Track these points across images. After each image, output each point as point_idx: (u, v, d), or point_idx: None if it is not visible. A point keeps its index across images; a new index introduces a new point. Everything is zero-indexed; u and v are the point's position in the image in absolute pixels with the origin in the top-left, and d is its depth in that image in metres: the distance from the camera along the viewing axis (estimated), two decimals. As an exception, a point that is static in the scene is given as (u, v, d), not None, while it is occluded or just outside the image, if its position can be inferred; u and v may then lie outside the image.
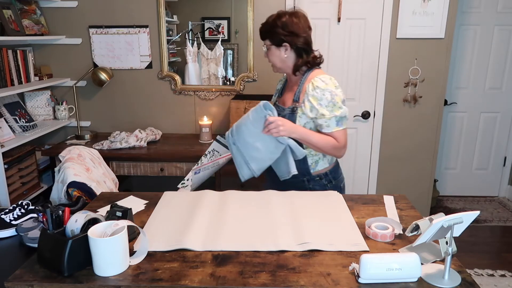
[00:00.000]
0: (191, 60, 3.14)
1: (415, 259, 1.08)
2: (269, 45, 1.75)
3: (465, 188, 4.05)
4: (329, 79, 1.71)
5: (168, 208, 1.58)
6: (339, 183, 1.90)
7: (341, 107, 1.69)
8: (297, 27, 1.72)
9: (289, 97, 1.82)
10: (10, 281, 1.11)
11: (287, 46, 1.73)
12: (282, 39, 1.72)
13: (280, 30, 1.71)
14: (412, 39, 3.06)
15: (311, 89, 1.70)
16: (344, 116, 1.71)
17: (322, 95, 1.68)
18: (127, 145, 2.78)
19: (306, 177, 1.82)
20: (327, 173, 1.85)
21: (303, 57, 1.75)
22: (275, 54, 1.76)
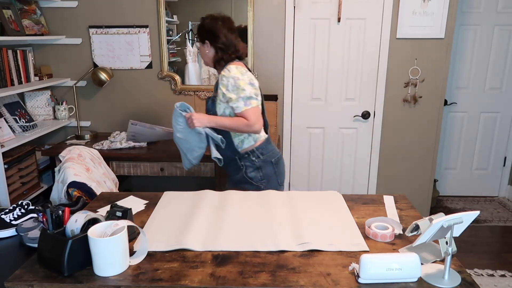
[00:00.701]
0: (191, 60, 3.14)
1: (415, 259, 1.08)
2: (197, 41, 2.08)
3: (465, 188, 4.04)
4: (234, 68, 1.96)
5: (168, 208, 1.58)
6: (268, 158, 2.09)
7: (244, 89, 1.92)
8: (218, 29, 2.00)
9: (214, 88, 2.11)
10: (10, 281, 1.11)
11: (208, 44, 2.02)
12: (204, 37, 2.03)
13: (203, 30, 2.03)
14: (412, 39, 3.06)
15: (219, 78, 1.98)
16: (250, 96, 1.93)
17: (227, 81, 1.93)
18: (127, 145, 2.78)
19: (236, 156, 2.06)
20: (253, 150, 2.06)
21: (219, 54, 2.02)
22: (201, 50, 2.08)
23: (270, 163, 2.08)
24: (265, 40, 3.09)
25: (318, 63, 3.15)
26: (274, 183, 2.11)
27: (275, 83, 3.17)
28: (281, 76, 3.16)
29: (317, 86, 3.20)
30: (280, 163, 2.16)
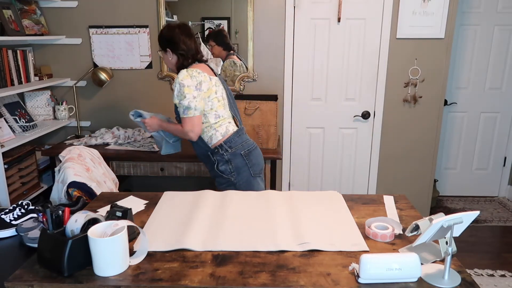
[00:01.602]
0: (191, 60, 3.14)
1: (415, 259, 1.08)
2: (160, 50, 2.17)
3: (465, 188, 4.04)
4: (184, 72, 2.01)
5: (168, 208, 1.58)
6: (238, 151, 2.14)
7: (186, 96, 1.99)
8: (176, 37, 2.09)
9: None
10: (10, 281, 1.11)
11: (169, 51, 2.12)
12: (165, 45, 2.12)
13: (162, 39, 2.13)
14: (412, 39, 3.06)
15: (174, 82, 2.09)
16: (188, 107, 2.00)
17: (175, 86, 2.03)
18: (102, 141, 2.87)
19: (209, 151, 2.14)
20: (222, 144, 2.12)
21: (180, 60, 2.11)
22: (164, 58, 2.19)
23: (239, 155, 2.14)
24: (265, 40, 3.09)
25: (318, 63, 3.15)
26: (246, 174, 2.16)
27: (275, 83, 3.17)
28: (281, 76, 3.16)
29: (317, 86, 3.20)
30: (253, 154, 2.19)
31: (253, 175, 2.19)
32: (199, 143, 2.16)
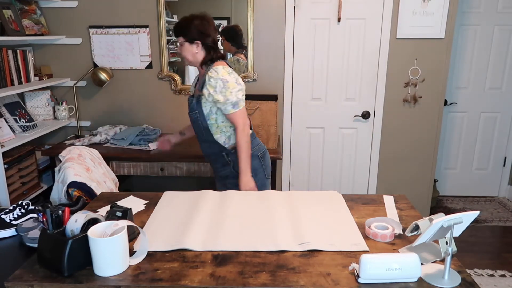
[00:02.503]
0: (191, 60, 3.14)
1: (415, 259, 1.08)
2: (183, 41, 2.01)
3: (465, 188, 4.04)
4: (221, 69, 1.98)
5: (168, 208, 1.58)
6: (255, 152, 2.12)
7: (232, 92, 1.96)
8: (208, 29, 2.01)
9: (197, 88, 2.09)
10: (10, 281, 1.11)
11: (199, 44, 2.00)
12: (195, 37, 1.99)
13: (193, 30, 1.99)
14: (412, 39, 3.06)
15: (207, 79, 1.98)
16: (238, 101, 1.98)
17: (215, 83, 1.95)
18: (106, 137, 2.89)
19: (224, 152, 2.09)
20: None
21: (210, 53, 2.03)
22: (187, 49, 2.02)
23: (256, 156, 2.12)
24: (265, 40, 3.09)
25: (318, 63, 3.15)
26: (261, 176, 2.16)
27: (275, 83, 3.17)
28: (281, 76, 3.16)
29: (317, 86, 3.20)
30: (266, 157, 2.21)
31: (267, 176, 2.19)
32: (213, 142, 2.10)
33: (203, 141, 2.15)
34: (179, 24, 2.03)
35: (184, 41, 2.01)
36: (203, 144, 2.16)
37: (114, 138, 2.86)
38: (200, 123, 2.07)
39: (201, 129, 2.09)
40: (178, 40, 2.03)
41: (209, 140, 2.10)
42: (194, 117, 2.08)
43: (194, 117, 2.08)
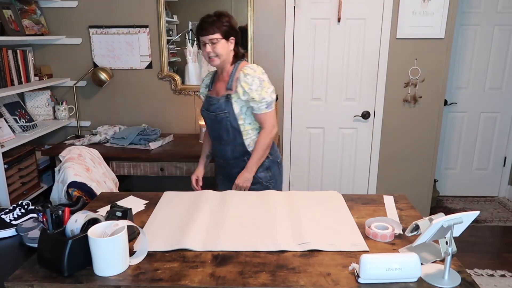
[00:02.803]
0: (191, 60, 3.14)
1: (415, 259, 1.08)
2: (220, 38, 1.90)
3: (465, 188, 4.04)
4: (256, 67, 1.95)
5: (168, 208, 1.58)
6: (275, 158, 2.10)
7: (267, 91, 1.92)
8: (236, 26, 1.98)
9: (221, 87, 2.01)
10: (10, 281, 1.11)
11: (233, 40, 1.95)
12: (230, 33, 1.93)
13: (229, 25, 1.92)
14: (412, 39, 3.06)
15: (242, 76, 1.92)
16: (271, 100, 1.95)
17: (252, 80, 1.90)
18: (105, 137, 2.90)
19: (246, 156, 2.02)
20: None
21: (240, 51, 2.00)
22: (224, 47, 1.92)
23: (276, 163, 2.09)
24: (265, 40, 3.09)
25: (318, 63, 3.15)
26: (279, 183, 2.13)
27: (275, 83, 3.16)
28: (281, 76, 3.16)
29: (317, 86, 3.20)
30: (282, 164, 2.20)
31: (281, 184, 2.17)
32: (239, 145, 2.00)
33: (226, 144, 2.02)
34: (212, 21, 1.91)
35: (221, 38, 1.91)
36: (226, 147, 2.03)
37: (114, 138, 2.86)
38: (228, 124, 1.96)
39: (228, 131, 1.98)
40: (213, 37, 1.89)
41: (236, 143, 2.00)
42: (222, 117, 1.96)
43: (222, 117, 1.96)
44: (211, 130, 2.08)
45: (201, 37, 1.91)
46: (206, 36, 1.89)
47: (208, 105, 2.02)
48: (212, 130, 2.06)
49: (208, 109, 2.02)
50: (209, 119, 2.03)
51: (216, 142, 2.08)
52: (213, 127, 2.03)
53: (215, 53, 1.91)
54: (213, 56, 1.91)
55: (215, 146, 2.10)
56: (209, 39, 1.89)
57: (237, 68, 1.96)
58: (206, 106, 2.04)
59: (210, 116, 2.01)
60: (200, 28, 1.91)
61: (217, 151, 2.11)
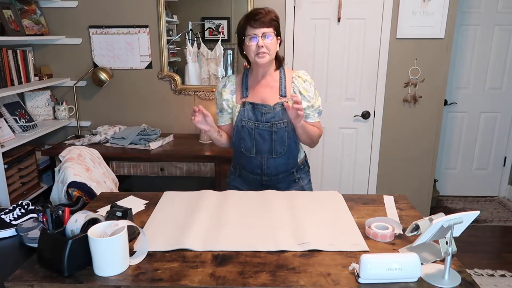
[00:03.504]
0: (191, 60, 3.14)
1: (415, 259, 1.08)
2: (273, 33, 1.71)
3: (465, 188, 4.04)
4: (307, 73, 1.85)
5: (168, 208, 1.58)
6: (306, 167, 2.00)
7: (319, 99, 1.86)
8: None
9: (268, 93, 1.80)
10: (10, 281, 1.11)
11: (279, 41, 1.79)
12: (279, 33, 1.77)
13: (278, 23, 1.76)
14: (412, 39, 3.06)
15: (300, 82, 1.81)
16: (321, 109, 1.88)
17: (309, 87, 1.82)
18: (105, 137, 2.90)
19: (295, 168, 1.89)
20: (306, 160, 1.98)
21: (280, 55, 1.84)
22: (275, 44, 1.73)
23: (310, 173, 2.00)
24: (265, 40, 3.08)
25: (318, 63, 3.15)
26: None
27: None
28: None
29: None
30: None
31: None
32: (293, 157, 1.84)
33: (278, 156, 1.81)
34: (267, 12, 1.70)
35: (274, 34, 1.71)
36: (276, 161, 1.82)
37: (114, 138, 2.86)
38: (286, 134, 1.77)
39: (284, 142, 1.78)
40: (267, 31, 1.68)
41: (290, 155, 1.83)
42: (280, 127, 1.76)
43: (280, 127, 1.76)
44: (256, 143, 1.80)
45: (253, 29, 1.68)
46: (259, 28, 1.67)
47: (258, 114, 1.77)
48: (259, 143, 1.80)
49: (258, 119, 1.77)
50: (258, 129, 1.78)
51: (261, 157, 1.82)
52: (262, 138, 1.79)
53: (267, 49, 1.70)
54: (265, 51, 1.69)
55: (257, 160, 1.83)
56: (262, 33, 1.68)
57: (285, 73, 1.82)
58: (252, 116, 1.78)
59: (261, 127, 1.77)
60: (253, 19, 1.68)
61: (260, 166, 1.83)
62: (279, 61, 1.83)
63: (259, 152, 1.81)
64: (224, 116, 1.90)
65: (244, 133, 1.80)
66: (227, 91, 1.86)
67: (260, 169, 1.85)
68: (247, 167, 1.88)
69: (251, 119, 1.78)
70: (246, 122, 1.79)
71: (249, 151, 1.83)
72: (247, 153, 1.83)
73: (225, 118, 1.91)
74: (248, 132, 1.80)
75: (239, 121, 1.80)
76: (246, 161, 1.86)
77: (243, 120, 1.79)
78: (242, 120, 1.79)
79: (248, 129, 1.79)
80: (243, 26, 1.73)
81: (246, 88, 1.84)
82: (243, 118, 1.79)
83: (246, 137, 1.81)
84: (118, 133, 2.94)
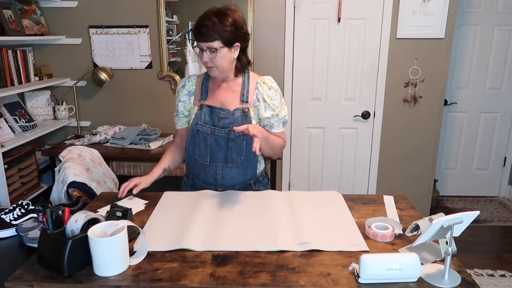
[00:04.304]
0: (191, 60, 3.14)
1: (415, 259, 1.08)
2: (221, 46, 1.55)
3: (465, 188, 4.04)
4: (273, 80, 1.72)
5: (168, 208, 1.58)
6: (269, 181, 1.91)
7: (285, 107, 1.72)
8: (244, 24, 1.63)
9: (228, 98, 1.68)
10: (10, 281, 1.11)
11: (238, 46, 1.61)
12: (235, 38, 1.58)
13: (233, 28, 1.56)
14: (412, 39, 3.06)
15: (266, 88, 1.67)
16: (287, 119, 1.75)
17: (275, 95, 1.68)
18: (105, 137, 2.90)
19: (252, 179, 1.78)
20: (266, 172, 1.87)
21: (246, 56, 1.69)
22: (226, 56, 1.57)
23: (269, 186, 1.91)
24: (265, 40, 3.09)
25: (318, 63, 3.15)
26: None
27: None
28: (281, 76, 3.16)
29: (317, 86, 3.20)
30: None
31: None
32: (251, 167, 1.74)
33: (236, 167, 1.71)
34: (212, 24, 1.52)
35: (222, 46, 1.55)
36: (232, 170, 1.71)
37: (114, 137, 2.86)
38: (244, 143, 1.67)
39: (241, 151, 1.68)
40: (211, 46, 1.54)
41: (248, 165, 1.72)
42: (238, 134, 1.65)
43: (238, 134, 1.65)
44: (211, 150, 1.69)
45: (199, 43, 1.57)
46: (204, 42, 1.55)
47: (215, 119, 1.66)
48: (214, 150, 1.69)
49: (215, 124, 1.67)
50: (214, 135, 1.67)
51: (215, 165, 1.71)
52: (218, 145, 1.68)
53: (213, 63, 1.58)
54: (211, 66, 1.59)
55: (212, 169, 1.72)
56: (206, 47, 1.55)
57: (248, 78, 1.70)
58: (209, 120, 1.67)
59: (217, 132, 1.66)
60: (197, 32, 1.55)
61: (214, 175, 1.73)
62: (242, 65, 1.68)
63: (213, 160, 1.70)
64: (181, 120, 1.78)
65: (199, 138, 1.69)
66: (184, 92, 1.74)
67: (214, 179, 1.73)
68: (200, 177, 1.77)
69: (208, 123, 1.67)
70: (201, 126, 1.68)
71: (203, 158, 1.71)
72: (201, 160, 1.72)
73: (181, 121, 1.78)
74: (203, 138, 1.68)
75: (195, 125, 1.69)
76: (199, 169, 1.75)
77: (198, 124, 1.68)
78: (198, 124, 1.68)
79: (203, 134, 1.68)
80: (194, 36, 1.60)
81: (206, 90, 1.71)
82: (199, 122, 1.68)
83: (201, 143, 1.70)
84: (118, 133, 2.94)
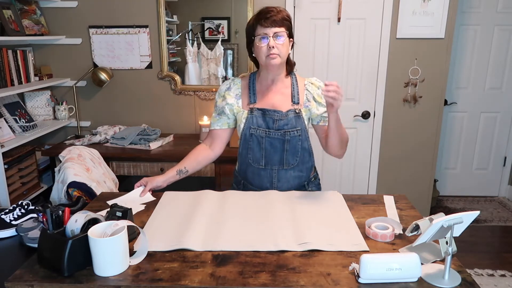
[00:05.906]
0: (191, 60, 3.14)
1: (415, 259, 1.08)
2: (286, 34, 1.59)
3: (465, 188, 4.04)
4: None
5: (168, 208, 1.58)
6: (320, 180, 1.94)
7: None
8: None
9: (278, 100, 1.68)
10: (10, 281, 1.11)
11: (292, 42, 1.68)
12: (291, 32, 1.65)
13: (290, 23, 1.63)
14: (412, 39, 3.06)
15: (314, 88, 1.72)
16: None
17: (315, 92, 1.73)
18: (105, 137, 2.90)
19: (306, 181, 1.80)
20: (316, 171, 1.90)
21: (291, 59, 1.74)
22: (287, 46, 1.61)
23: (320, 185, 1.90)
24: (265, 40, 3.08)
25: (318, 63, 3.15)
26: None
27: (275, 83, 3.16)
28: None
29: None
30: None
31: None
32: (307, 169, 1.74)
33: (290, 168, 1.70)
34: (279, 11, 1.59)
35: (287, 35, 1.58)
36: (288, 173, 1.70)
37: (114, 138, 2.86)
38: (299, 144, 1.68)
39: (297, 152, 1.68)
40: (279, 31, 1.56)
41: (304, 167, 1.72)
42: (293, 135, 1.66)
43: (293, 135, 1.66)
44: (266, 153, 1.68)
45: (263, 28, 1.57)
46: (270, 27, 1.55)
47: (269, 121, 1.65)
48: (269, 153, 1.68)
49: (269, 127, 1.66)
50: (269, 138, 1.65)
51: (271, 168, 1.71)
52: (273, 148, 1.67)
53: (278, 50, 1.57)
54: (276, 52, 1.57)
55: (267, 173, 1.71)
56: (273, 32, 1.56)
57: (296, 79, 1.72)
58: (263, 123, 1.66)
59: (272, 135, 1.65)
60: (264, 18, 1.57)
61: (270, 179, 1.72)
62: (290, 66, 1.71)
63: (269, 163, 1.69)
64: (222, 120, 1.76)
65: (252, 142, 1.68)
66: (231, 95, 1.73)
67: (270, 183, 1.72)
68: (254, 181, 1.74)
69: (261, 127, 1.66)
70: (255, 130, 1.66)
71: (257, 162, 1.70)
72: (255, 164, 1.70)
73: (222, 122, 1.76)
74: (257, 141, 1.67)
75: (247, 129, 1.66)
76: (253, 174, 1.73)
77: (251, 127, 1.66)
78: (251, 128, 1.66)
79: (257, 137, 1.67)
80: (253, 25, 1.62)
81: (254, 93, 1.70)
82: (252, 126, 1.66)
83: (254, 147, 1.68)
84: (118, 133, 2.94)
